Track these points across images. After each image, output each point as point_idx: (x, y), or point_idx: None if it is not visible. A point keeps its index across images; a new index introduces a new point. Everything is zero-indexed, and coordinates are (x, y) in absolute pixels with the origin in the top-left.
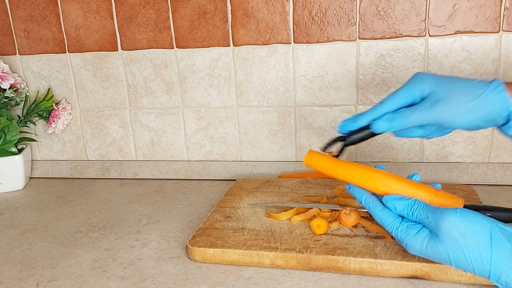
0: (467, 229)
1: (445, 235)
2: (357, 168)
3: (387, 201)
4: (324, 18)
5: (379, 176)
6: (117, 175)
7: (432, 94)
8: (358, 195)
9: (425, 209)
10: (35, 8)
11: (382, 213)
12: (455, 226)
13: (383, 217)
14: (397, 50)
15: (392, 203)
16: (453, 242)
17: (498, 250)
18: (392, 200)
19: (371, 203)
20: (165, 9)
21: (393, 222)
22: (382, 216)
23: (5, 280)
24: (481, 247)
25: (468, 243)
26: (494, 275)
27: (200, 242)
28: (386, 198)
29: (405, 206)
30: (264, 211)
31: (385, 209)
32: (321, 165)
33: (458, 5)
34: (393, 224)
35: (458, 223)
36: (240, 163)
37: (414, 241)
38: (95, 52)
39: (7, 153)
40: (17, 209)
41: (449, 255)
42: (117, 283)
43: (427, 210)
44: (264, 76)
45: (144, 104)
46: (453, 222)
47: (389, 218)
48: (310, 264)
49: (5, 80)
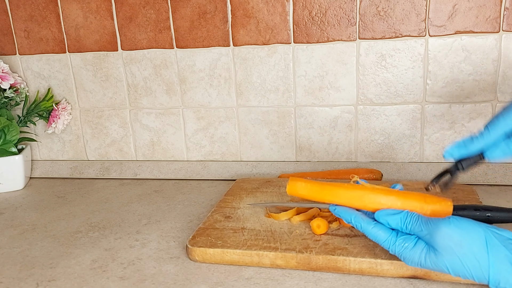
0: (462, 239)
1: (441, 247)
2: (342, 189)
3: (379, 218)
4: (324, 18)
5: (367, 193)
6: (117, 175)
7: None
8: (346, 215)
9: (418, 221)
10: (35, 8)
11: (375, 230)
12: (450, 237)
13: (377, 234)
14: (397, 50)
15: (385, 219)
16: (450, 253)
17: (495, 257)
18: (384, 216)
19: (362, 221)
20: (165, 9)
21: (389, 238)
22: (376, 233)
23: (5, 280)
24: (478, 255)
25: (465, 252)
26: (493, 282)
27: (200, 242)
28: (378, 215)
29: (398, 220)
30: (264, 211)
31: (378, 225)
32: (306, 191)
33: (458, 5)
34: (389, 240)
35: (453, 234)
36: (240, 163)
37: (412, 255)
38: (95, 52)
39: (7, 153)
40: (17, 209)
41: (447, 265)
42: (117, 283)
43: (421, 222)
44: (264, 76)
45: (144, 104)
46: (448, 233)
47: (383, 235)
48: (310, 264)
49: (5, 80)
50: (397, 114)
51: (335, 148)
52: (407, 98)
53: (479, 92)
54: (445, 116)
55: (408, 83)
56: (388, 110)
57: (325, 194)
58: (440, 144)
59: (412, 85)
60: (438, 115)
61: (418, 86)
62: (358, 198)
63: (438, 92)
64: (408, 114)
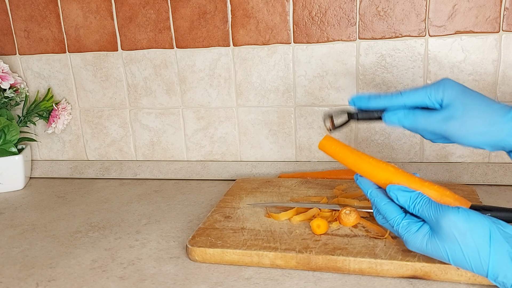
0: (468, 229)
1: (445, 233)
2: (369, 159)
3: (390, 191)
4: (324, 18)
5: (390, 169)
6: (117, 175)
7: (449, 107)
8: (365, 187)
9: (427, 204)
10: (35, 8)
11: (386, 206)
12: (455, 226)
13: (387, 210)
14: (397, 50)
15: (395, 193)
16: (452, 241)
17: (497, 251)
18: (395, 190)
19: (377, 196)
20: (165, 9)
21: (396, 217)
22: (386, 209)
23: (5, 280)
24: (480, 247)
25: (468, 243)
26: (491, 275)
27: (200, 242)
28: (390, 188)
29: (408, 198)
30: (264, 211)
31: (390, 203)
32: (335, 151)
33: (458, 5)
34: (395, 219)
35: (459, 223)
36: (240, 163)
37: (414, 238)
38: (95, 52)
39: (7, 153)
40: (17, 209)
41: (448, 253)
42: (116, 283)
43: (430, 206)
44: (264, 76)
45: (144, 104)
46: (454, 221)
47: (392, 212)
48: (310, 264)
49: (5, 80)
50: None
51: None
52: None
53: None
54: None
55: (408, 83)
56: None
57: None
58: (440, 144)
59: (412, 85)
60: None
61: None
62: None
63: None
64: None
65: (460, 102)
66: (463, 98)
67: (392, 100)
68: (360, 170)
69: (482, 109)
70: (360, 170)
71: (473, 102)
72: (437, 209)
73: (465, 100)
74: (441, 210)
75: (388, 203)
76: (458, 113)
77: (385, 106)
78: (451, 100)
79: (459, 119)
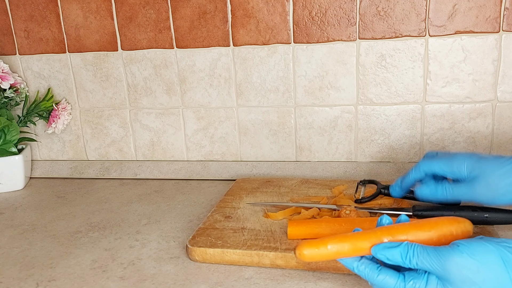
0: (479, 265)
1: (457, 278)
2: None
3: (376, 253)
4: (324, 18)
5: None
6: (117, 175)
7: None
8: (347, 263)
9: (423, 253)
10: (35, 8)
11: (381, 277)
12: (465, 267)
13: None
14: (397, 50)
15: (383, 255)
16: (468, 283)
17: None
18: (381, 250)
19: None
20: (165, 9)
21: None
22: (383, 280)
23: (5, 280)
24: (498, 277)
25: (484, 278)
26: None
27: (200, 242)
28: (375, 250)
29: (398, 255)
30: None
31: (383, 270)
32: None
33: (458, 5)
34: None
35: (467, 262)
36: (240, 163)
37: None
38: (95, 52)
39: (7, 153)
40: (17, 209)
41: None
42: (116, 283)
43: (426, 255)
44: (264, 76)
45: (144, 104)
46: (462, 262)
47: (391, 281)
48: (310, 264)
49: (5, 80)
50: (397, 114)
51: (335, 148)
52: (407, 98)
53: (479, 92)
54: (445, 116)
55: (408, 83)
56: (388, 110)
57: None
58: (440, 144)
59: (412, 85)
60: (438, 115)
61: (418, 86)
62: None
63: (438, 92)
64: (408, 114)
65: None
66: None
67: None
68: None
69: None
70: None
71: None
72: (437, 256)
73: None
74: (441, 256)
75: (382, 270)
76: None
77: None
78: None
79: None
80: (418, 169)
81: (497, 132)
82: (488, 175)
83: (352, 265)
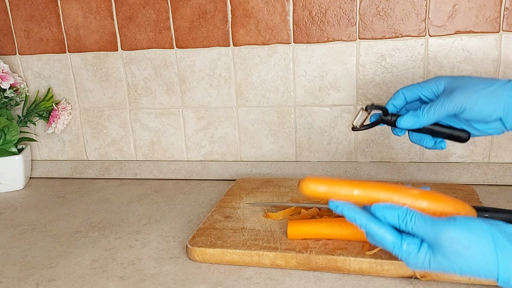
0: (471, 241)
1: (448, 250)
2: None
3: (375, 211)
4: (324, 18)
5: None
6: (117, 175)
7: (447, 88)
8: (350, 213)
9: (420, 221)
10: (35, 8)
11: (381, 231)
12: (457, 240)
13: (383, 236)
14: (397, 50)
15: (382, 213)
16: (457, 256)
17: (503, 255)
18: (381, 209)
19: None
20: (165, 9)
21: (394, 241)
22: (382, 235)
23: (5, 280)
24: (486, 255)
25: (473, 255)
26: (502, 280)
27: (200, 242)
28: (374, 208)
29: (396, 217)
30: (264, 211)
31: (384, 226)
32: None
33: (458, 5)
34: (394, 244)
35: (460, 236)
36: (240, 163)
37: (416, 259)
38: (95, 52)
39: (7, 153)
40: (17, 209)
41: (455, 268)
42: (116, 283)
43: (424, 222)
44: (264, 76)
45: (144, 104)
46: (455, 236)
47: (389, 237)
48: (310, 264)
49: (5, 80)
50: None
51: (335, 148)
52: None
53: None
54: None
55: (408, 83)
56: None
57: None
58: None
59: None
60: None
61: None
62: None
63: None
64: None
65: (454, 80)
66: (456, 78)
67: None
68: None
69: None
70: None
71: (466, 77)
72: (433, 226)
73: (458, 78)
74: (437, 226)
75: (381, 226)
76: (456, 85)
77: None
78: (446, 83)
79: (459, 87)
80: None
81: None
82: (465, 83)
83: (355, 215)
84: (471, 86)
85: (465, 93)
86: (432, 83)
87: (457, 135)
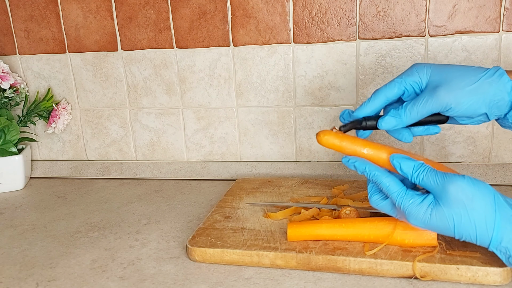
0: (475, 194)
1: (453, 199)
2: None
3: (394, 159)
4: (324, 18)
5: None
6: (117, 175)
7: (430, 82)
8: (360, 165)
9: (432, 173)
10: (35, 8)
11: (388, 180)
12: (463, 191)
13: (390, 184)
14: (397, 50)
15: (399, 162)
16: (460, 206)
17: (501, 215)
18: (399, 158)
19: (376, 170)
20: (165, 9)
21: (399, 190)
22: (389, 183)
23: (5, 280)
24: (486, 211)
25: (475, 207)
26: (495, 241)
27: (200, 242)
28: (393, 156)
29: (411, 167)
30: (264, 211)
31: (391, 175)
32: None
33: (458, 5)
34: (399, 192)
35: (466, 188)
36: (240, 163)
37: (418, 209)
38: (95, 52)
39: (7, 153)
40: (17, 209)
41: (454, 219)
42: (116, 283)
43: (435, 174)
44: (264, 76)
45: (144, 104)
46: (462, 186)
47: (394, 186)
48: (310, 264)
49: (5, 80)
50: None
51: None
52: None
53: None
54: None
55: None
56: None
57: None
58: (440, 144)
59: None
60: None
61: None
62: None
63: None
64: None
65: (437, 73)
66: (439, 70)
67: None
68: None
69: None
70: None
71: (450, 69)
72: (443, 176)
73: (441, 70)
74: (447, 177)
75: (390, 175)
76: (441, 80)
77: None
78: (429, 76)
79: (444, 84)
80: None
81: (497, 132)
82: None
83: (365, 166)
84: (456, 81)
85: (450, 91)
86: (415, 75)
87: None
